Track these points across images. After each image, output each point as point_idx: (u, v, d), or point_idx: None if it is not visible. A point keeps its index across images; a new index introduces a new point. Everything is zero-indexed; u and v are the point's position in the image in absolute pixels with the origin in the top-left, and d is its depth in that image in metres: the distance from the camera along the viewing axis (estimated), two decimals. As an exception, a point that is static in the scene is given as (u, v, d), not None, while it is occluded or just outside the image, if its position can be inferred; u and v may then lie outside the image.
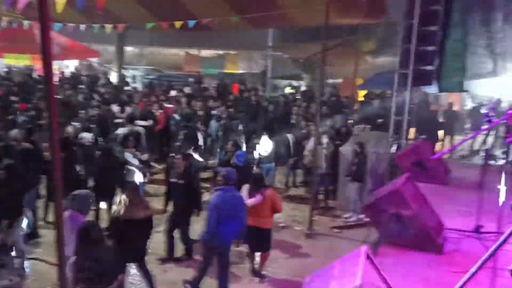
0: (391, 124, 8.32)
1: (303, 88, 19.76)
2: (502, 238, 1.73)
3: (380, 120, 10.95)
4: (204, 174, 9.36)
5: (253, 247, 6.15)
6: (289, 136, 10.19)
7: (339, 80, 18.37)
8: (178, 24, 10.08)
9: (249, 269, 6.18)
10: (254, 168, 8.55)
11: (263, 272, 6.14)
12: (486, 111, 4.26)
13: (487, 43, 10.43)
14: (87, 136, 8.75)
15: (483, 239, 4.43)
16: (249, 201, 5.83)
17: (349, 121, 11.25)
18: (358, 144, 8.34)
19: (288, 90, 19.96)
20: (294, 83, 20.40)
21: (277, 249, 6.65)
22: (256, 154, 9.24)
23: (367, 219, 6.22)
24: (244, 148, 9.52)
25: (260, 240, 6.00)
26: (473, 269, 1.88)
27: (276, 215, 6.37)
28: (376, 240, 4.75)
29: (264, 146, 9.41)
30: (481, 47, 10.32)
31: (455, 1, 7.62)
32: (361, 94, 17.00)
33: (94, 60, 20.72)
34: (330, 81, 18.77)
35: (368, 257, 2.97)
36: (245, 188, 6.03)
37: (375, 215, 4.57)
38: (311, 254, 7.05)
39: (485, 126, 4.43)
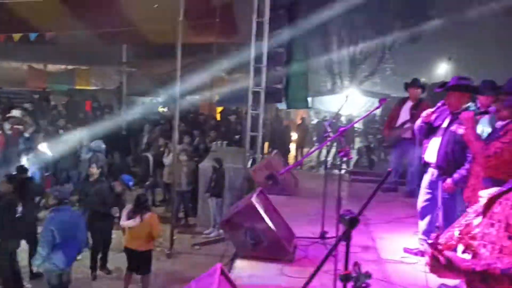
0: (247, 139, 8.68)
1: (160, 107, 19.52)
2: (333, 245, 1.91)
3: (237, 136, 11.37)
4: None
5: (130, 269, 6.18)
6: (148, 155, 9.96)
7: (197, 97, 18.62)
8: (16, 36, 9.19)
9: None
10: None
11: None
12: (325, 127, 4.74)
13: (326, 64, 11.61)
14: None
15: (327, 244, 4.85)
16: (126, 223, 5.92)
17: (208, 137, 11.44)
18: (216, 160, 8.53)
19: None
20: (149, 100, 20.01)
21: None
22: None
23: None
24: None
25: (139, 262, 6.08)
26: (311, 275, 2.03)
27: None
28: (234, 254, 4.86)
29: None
30: (321, 68, 11.44)
31: (297, 25, 8.30)
32: (218, 111, 17.44)
33: None
34: (188, 98, 18.92)
35: (222, 273, 3.01)
36: (126, 209, 6.09)
37: (232, 230, 4.67)
38: (172, 273, 6.98)
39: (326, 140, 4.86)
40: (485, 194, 2.12)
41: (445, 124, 4.39)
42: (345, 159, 4.00)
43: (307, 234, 5.20)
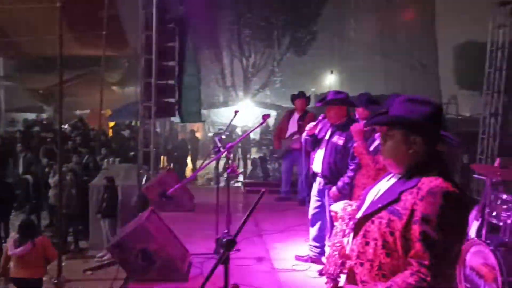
0: (140, 155, 8.39)
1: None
2: (211, 270, 1.89)
3: (132, 153, 10.94)
4: None
5: None
6: (28, 177, 9.16)
7: (87, 111, 17.67)
8: None
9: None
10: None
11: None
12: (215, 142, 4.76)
13: (218, 77, 11.74)
14: None
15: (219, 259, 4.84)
16: (16, 251, 5.55)
17: (99, 155, 10.86)
18: (107, 178, 8.12)
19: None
20: (32, 116, 18.48)
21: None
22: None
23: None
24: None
25: None
26: None
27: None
28: (126, 278, 4.64)
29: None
30: (213, 81, 11.54)
31: (187, 39, 8.26)
32: (110, 125, 16.71)
33: None
34: (78, 112, 17.86)
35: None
36: (12, 237, 5.76)
37: (122, 254, 4.46)
38: (61, 305, 6.46)
39: (216, 155, 4.87)
40: (336, 209, 2.19)
41: (327, 136, 4.66)
42: (232, 175, 4.03)
43: (203, 250, 5.15)
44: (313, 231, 4.97)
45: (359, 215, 1.95)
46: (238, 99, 14.58)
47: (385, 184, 1.94)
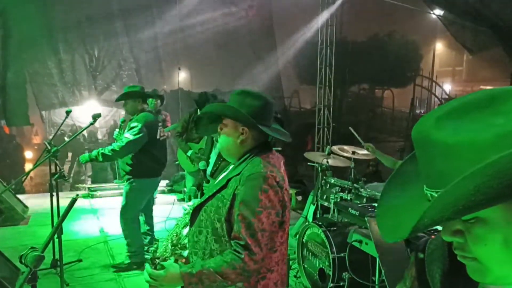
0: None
1: None
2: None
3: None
4: None
5: None
6: None
7: None
8: None
9: None
10: None
11: None
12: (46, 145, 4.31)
13: (55, 72, 10.70)
14: None
15: (58, 273, 4.44)
16: None
17: None
18: None
19: None
20: None
21: None
22: None
23: None
24: None
25: None
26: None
27: None
28: None
29: None
30: (50, 77, 10.48)
31: (11, 32, 7.37)
32: None
33: None
34: None
35: None
36: None
37: None
38: None
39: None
40: (188, 206, 2.25)
41: None
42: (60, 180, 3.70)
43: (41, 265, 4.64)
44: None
45: (192, 206, 2.01)
46: (82, 98, 13.58)
47: (223, 174, 2.02)
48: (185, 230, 2.04)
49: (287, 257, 2.06)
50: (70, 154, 13.40)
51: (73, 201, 1.79)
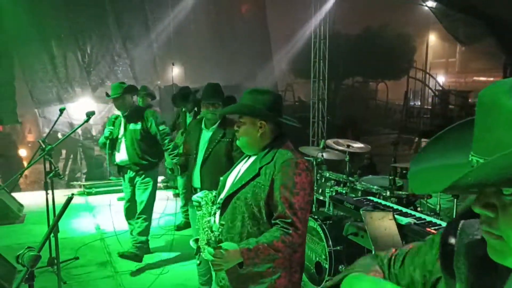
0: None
1: None
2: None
3: None
4: None
5: None
6: None
7: None
8: None
9: None
10: None
11: None
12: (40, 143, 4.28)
13: (49, 68, 10.63)
14: None
15: (55, 271, 4.44)
16: None
17: None
18: None
19: None
20: None
21: None
22: None
23: None
24: None
25: None
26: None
27: None
28: None
29: None
30: (45, 73, 10.40)
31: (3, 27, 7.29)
32: None
33: None
34: None
35: None
36: None
37: None
38: None
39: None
40: (198, 198, 2.26)
41: None
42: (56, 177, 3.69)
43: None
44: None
45: (224, 196, 2.17)
46: (76, 95, 13.50)
47: (243, 165, 2.22)
48: (212, 219, 2.13)
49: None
50: (64, 152, 13.34)
51: (69, 200, 1.79)
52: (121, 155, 4.79)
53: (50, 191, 4.32)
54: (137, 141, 4.71)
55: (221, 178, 2.32)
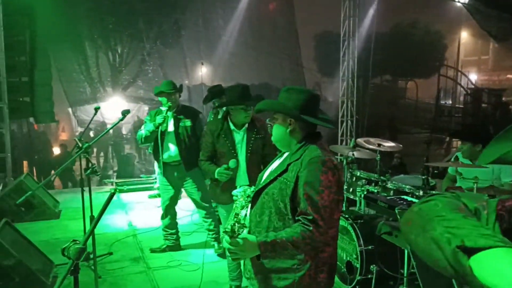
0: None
1: None
2: (62, 279, 1.73)
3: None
4: None
5: None
6: None
7: None
8: None
9: None
10: None
11: None
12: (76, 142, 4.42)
13: (82, 70, 10.91)
14: None
15: (90, 265, 4.56)
16: None
17: None
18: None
19: None
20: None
21: None
22: None
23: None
24: None
25: None
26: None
27: None
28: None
29: None
30: (78, 74, 10.69)
31: (38, 30, 7.54)
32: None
33: None
34: None
35: None
36: None
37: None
38: None
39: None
40: (237, 193, 2.39)
41: None
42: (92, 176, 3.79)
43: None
44: (167, 219, 5.09)
45: (254, 190, 2.24)
46: (107, 94, 13.79)
47: (277, 161, 2.28)
48: (243, 212, 2.23)
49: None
50: (95, 150, 13.66)
51: (111, 195, 1.85)
52: (170, 151, 4.81)
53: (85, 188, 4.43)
54: (188, 137, 4.76)
55: (260, 174, 2.36)
